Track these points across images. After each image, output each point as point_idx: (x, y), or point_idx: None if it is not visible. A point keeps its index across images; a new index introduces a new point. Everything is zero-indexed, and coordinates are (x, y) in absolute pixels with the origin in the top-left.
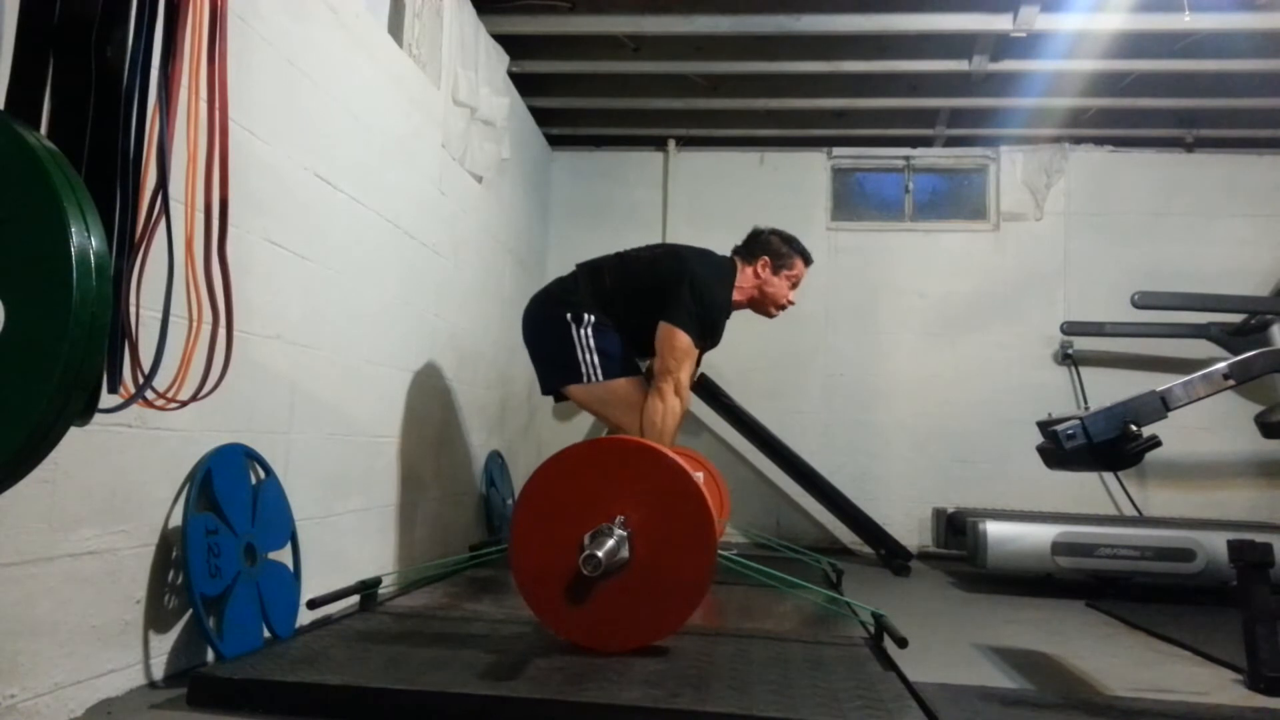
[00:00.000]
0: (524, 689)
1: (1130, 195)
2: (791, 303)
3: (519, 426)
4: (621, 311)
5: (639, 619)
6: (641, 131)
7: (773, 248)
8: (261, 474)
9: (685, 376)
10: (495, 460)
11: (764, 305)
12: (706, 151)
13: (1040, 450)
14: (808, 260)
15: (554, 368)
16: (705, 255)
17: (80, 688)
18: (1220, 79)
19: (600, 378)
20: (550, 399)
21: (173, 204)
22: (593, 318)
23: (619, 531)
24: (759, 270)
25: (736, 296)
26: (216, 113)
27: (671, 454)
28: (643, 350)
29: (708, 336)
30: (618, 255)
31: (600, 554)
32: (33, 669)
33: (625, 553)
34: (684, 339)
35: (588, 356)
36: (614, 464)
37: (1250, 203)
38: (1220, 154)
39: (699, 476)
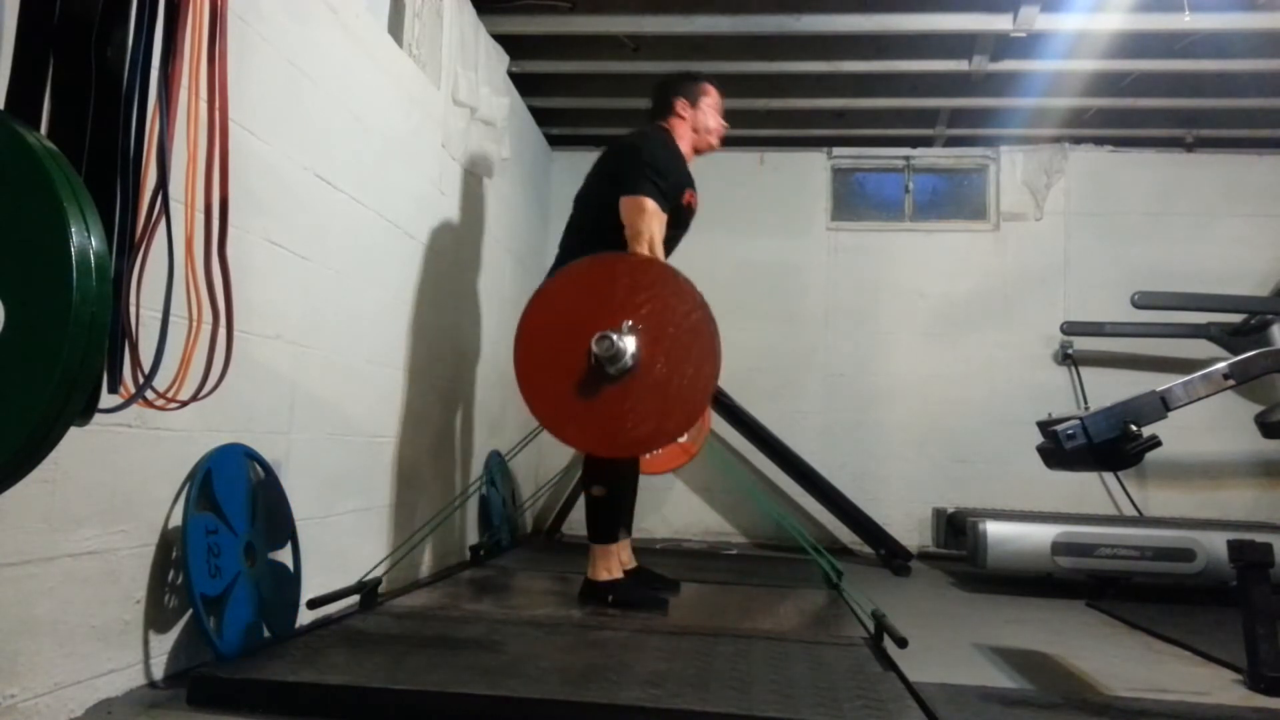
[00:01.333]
0: (524, 689)
1: (1130, 195)
2: (724, 125)
3: (519, 427)
4: (597, 234)
5: (642, 424)
6: None
7: (680, 88)
8: (261, 474)
9: (658, 236)
10: (495, 460)
11: (703, 142)
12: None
13: (1040, 450)
14: (713, 81)
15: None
16: (637, 131)
17: (80, 688)
18: (1220, 79)
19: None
20: None
21: (173, 204)
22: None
23: (627, 335)
24: (682, 114)
25: (683, 148)
26: (216, 113)
27: (673, 268)
28: None
29: (672, 195)
30: (574, 203)
31: (613, 337)
32: (33, 669)
33: (631, 358)
34: (646, 201)
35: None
36: (622, 275)
37: (1250, 203)
38: (1220, 154)
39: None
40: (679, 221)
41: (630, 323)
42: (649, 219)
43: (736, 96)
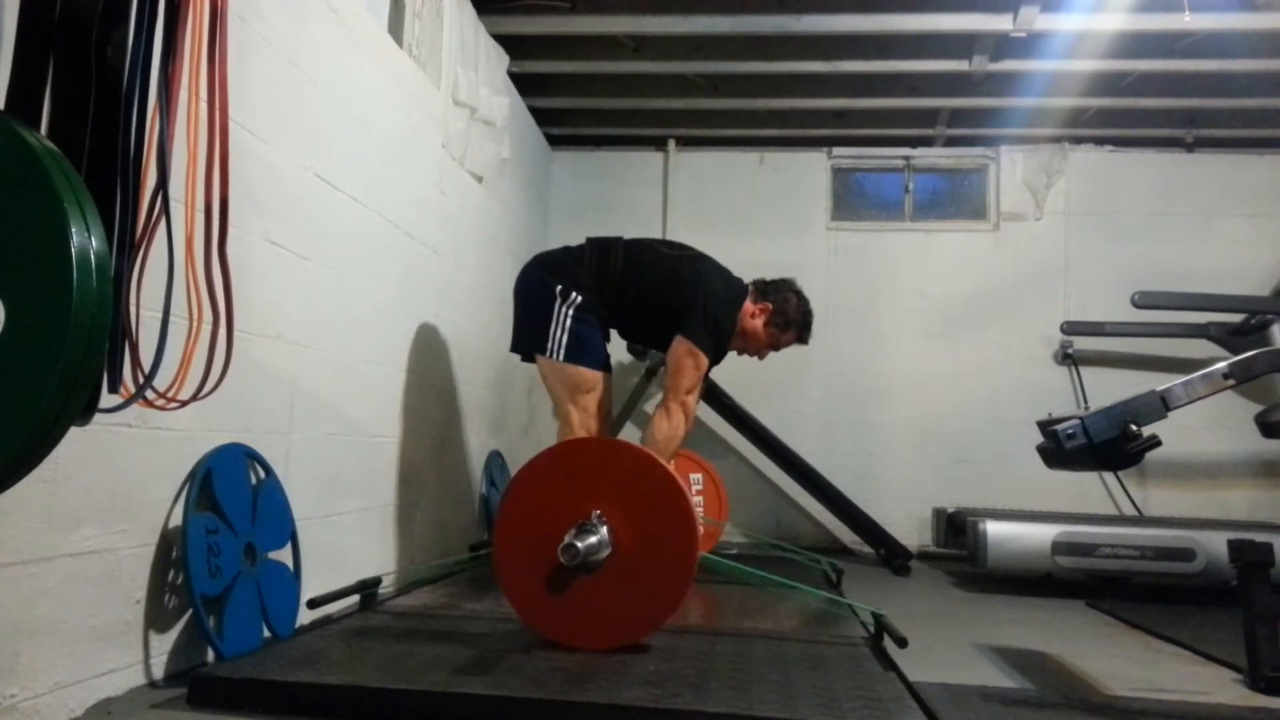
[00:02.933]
0: (524, 689)
1: (1130, 195)
2: (759, 358)
3: (519, 426)
4: (619, 297)
5: (618, 617)
6: (641, 131)
7: (784, 305)
8: (261, 474)
9: (694, 398)
10: (495, 460)
11: (741, 341)
12: (706, 151)
13: (1040, 450)
14: (802, 339)
15: (528, 331)
16: (725, 274)
17: (80, 688)
18: (1220, 79)
19: (560, 357)
20: (544, 397)
21: (173, 204)
22: (579, 299)
23: (601, 528)
24: (758, 311)
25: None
26: (216, 113)
27: (660, 460)
28: (632, 337)
29: (718, 357)
30: (630, 242)
31: (579, 544)
32: (33, 669)
33: (605, 551)
34: (703, 361)
35: (558, 333)
36: (604, 464)
37: (1250, 203)
38: (1220, 154)
39: (697, 478)
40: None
41: (599, 513)
42: (697, 378)
43: (736, 96)
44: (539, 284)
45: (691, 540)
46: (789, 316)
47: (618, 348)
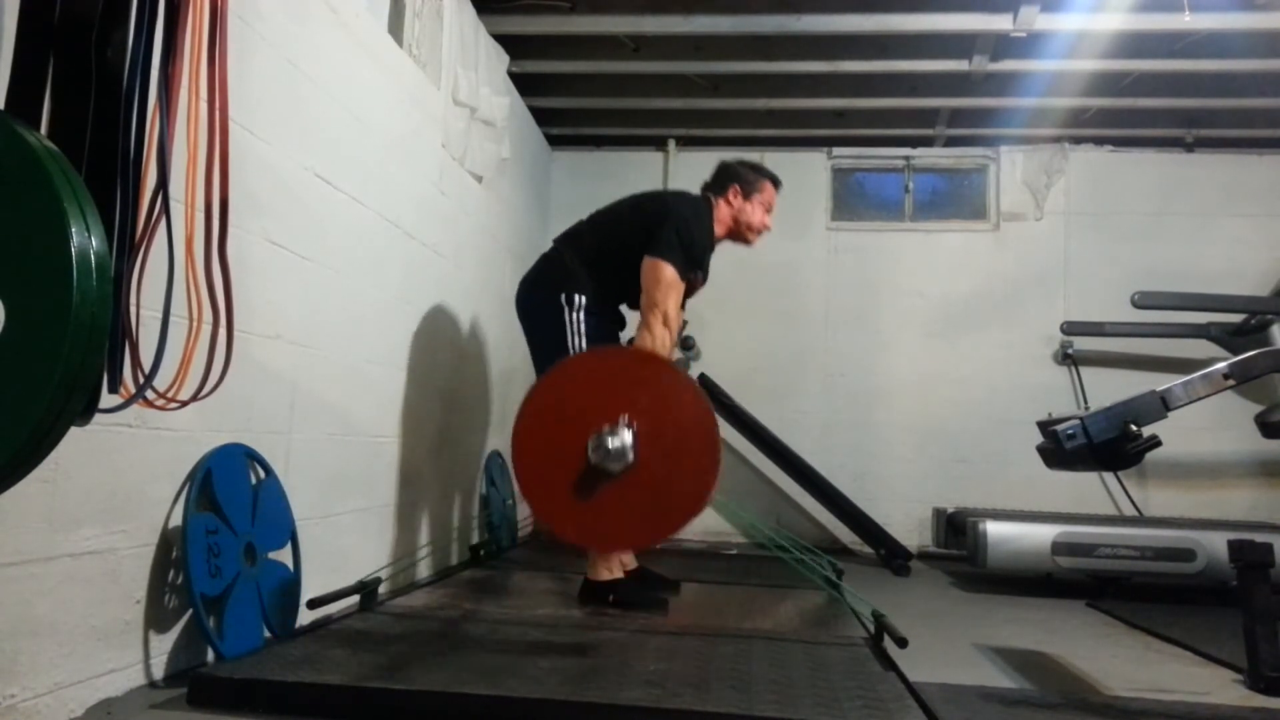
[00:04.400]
0: (524, 689)
1: (1130, 195)
2: (767, 226)
3: None
4: (608, 268)
5: (639, 521)
6: (641, 131)
7: (741, 175)
8: (261, 474)
9: (673, 308)
10: (495, 460)
11: (741, 233)
12: (706, 151)
13: (1040, 450)
14: (776, 182)
15: (548, 352)
16: (681, 194)
17: (80, 688)
18: (1220, 79)
19: None
20: None
21: (173, 204)
22: (583, 299)
23: (625, 431)
24: (731, 199)
25: (717, 230)
26: (216, 113)
27: (673, 362)
28: (635, 303)
29: (693, 268)
30: (591, 216)
31: (608, 443)
32: (33, 669)
33: (631, 455)
34: (668, 270)
35: (578, 340)
36: (622, 371)
37: (1250, 203)
38: (1220, 154)
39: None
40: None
41: (627, 418)
42: (666, 290)
43: (736, 96)
44: (541, 302)
45: (712, 458)
46: (748, 178)
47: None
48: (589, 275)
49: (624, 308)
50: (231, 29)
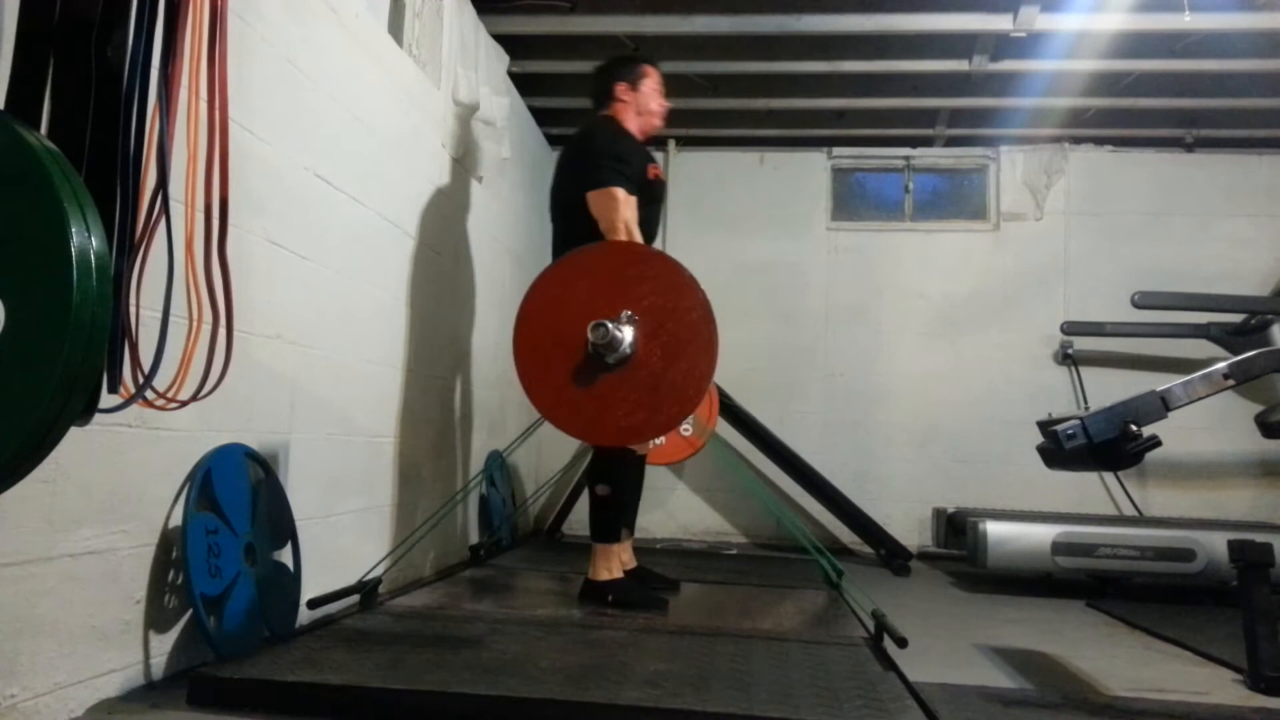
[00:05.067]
0: (524, 689)
1: (1130, 195)
2: (665, 106)
3: (519, 426)
4: (577, 229)
5: (634, 413)
6: None
7: (619, 73)
8: (261, 474)
9: (633, 222)
10: (495, 460)
11: (649, 122)
12: (706, 151)
13: (1040, 450)
14: (651, 61)
15: None
16: (585, 128)
17: (80, 688)
18: (1220, 79)
19: None
20: None
21: (173, 204)
22: None
23: (625, 325)
24: (623, 99)
25: (634, 132)
26: (216, 113)
27: (676, 261)
28: None
29: (636, 175)
30: (550, 210)
31: (609, 325)
32: (33, 669)
33: (629, 347)
34: (614, 190)
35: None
36: (626, 266)
37: (1250, 203)
38: (1220, 154)
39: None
40: (651, 196)
41: (629, 313)
42: (620, 207)
43: (736, 96)
44: None
45: (709, 357)
46: (627, 70)
47: None
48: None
49: None
50: (231, 29)
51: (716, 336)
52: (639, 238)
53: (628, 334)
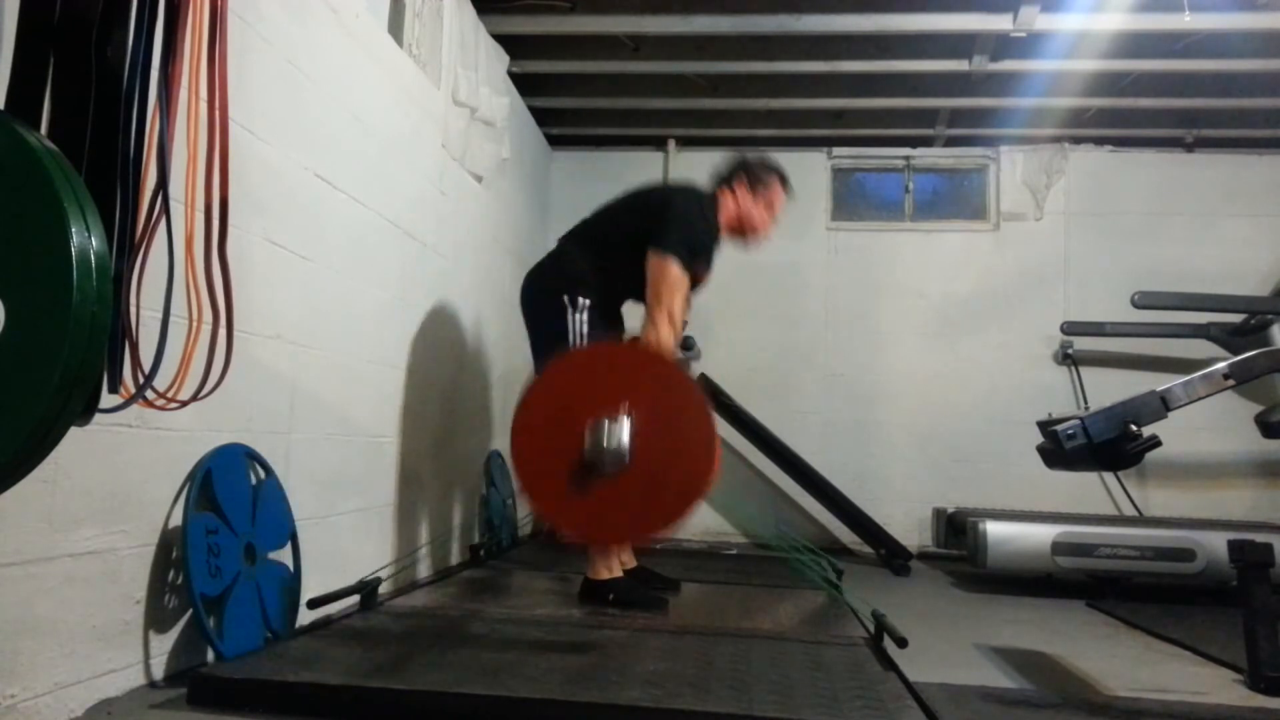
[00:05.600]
0: (524, 689)
1: (1130, 195)
2: (767, 229)
3: None
4: (613, 263)
5: (633, 516)
6: (641, 131)
7: (751, 170)
8: (261, 474)
9: (678, 306)
10: (495, 460)
11: (744, 231)
12: (706, 151)
13: (1040, 450)
14: (785, 182)
15: (548, 347)
16: (687, 187)
17: (80, 688)
18: (1220, 79)
19: None
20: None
21: (173, 204)
22: (586, 301)
23: (623, 424)
24: (737, 194)
25: (721, 224)
26: (216, 113)
27: (676, 362)
28: (641, 296)
29: (697, 262)
30: (595, 211)
31: (603, 435)
32: (33, 669)
33: (626, 449)
34: (674, 267)
35: (579, 343)
36: (623, 367)
37: (1250, 203)
38: (1220, 154)
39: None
40: (692, 284)
41: (626, 416)
42: (672, 287)
43: (736, 96)
44: (545, 301)
45: (711, 445)
46: (759, 174)
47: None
48: (595, 274)
49: (629, 302)
50: (231, 29)
51: (717, 439)
52: (678, 324)
53: (624, 439)
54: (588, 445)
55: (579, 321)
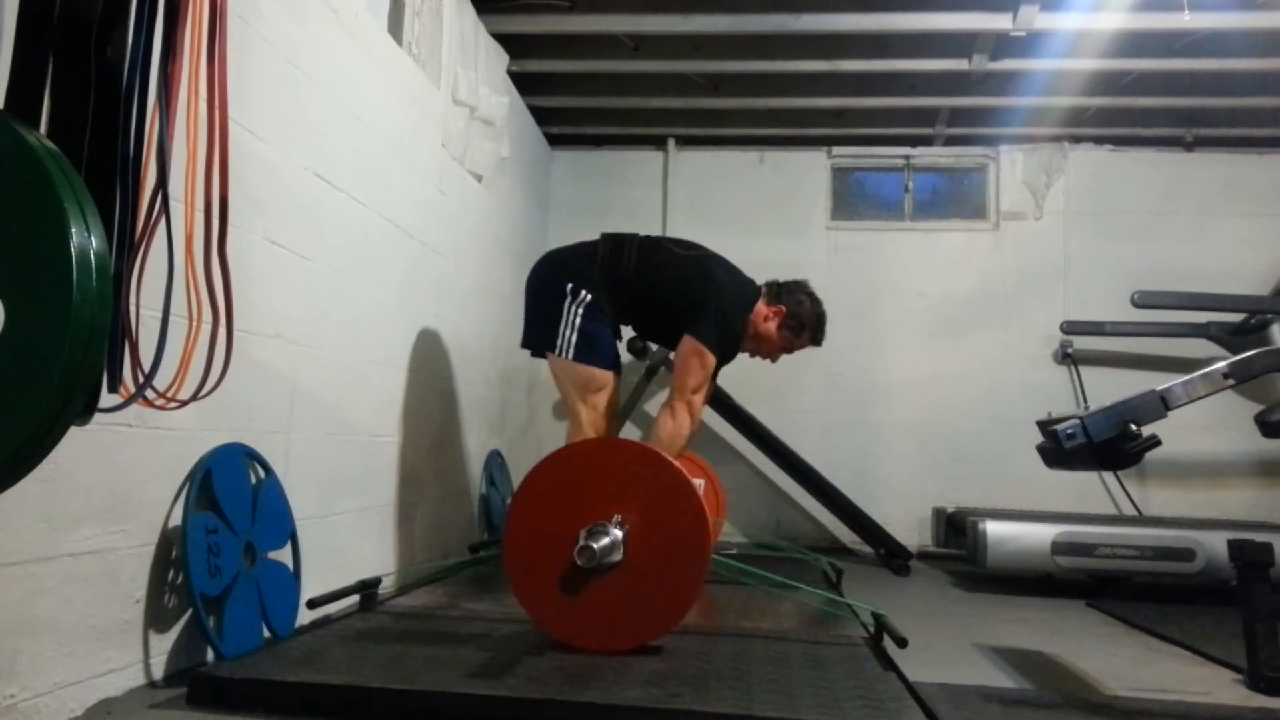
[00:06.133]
0: (524, 689)
1: (1130, 195)
2: (771, 360)
3: (519, 426)
4: (631, 294)
5: (626, 621)
6: (641, 131)
7: (797, 308)
8: (261, 474)
9: (701, 399)
10: (495, 460)
11: (753, 344)
12: (706, 151)
13: (1040, 450)
14: (816, 341)
15: (539, 328)
16: (735, 274)
17: (80, 687)
18: (1220, 79)
19: (570, 356)
20: (545, 396)
21: (173, 203)
22: (589, 297)
23: (615, 530)
24: (771, 314)
25: (749, 331)
26: (216, 112)
27: (676, 465)
28: (644, 334)
29: (727, 357)
30: (647, 238)
31: (595, 546)
32: (33, 669)
33: (619, 554)
34: (710, 360)
35: (567, 332)
36: (618, 465)
37: (1250, 203)
38: (1220, 154)
39: (699, 484)
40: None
41: (619, 517)
42: (703, 378)
43: (736, 96)
44: (550, 281)
45: (703, 559)
46: (803, 319)
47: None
48: (607, 287)
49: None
50: (231, 29)
51: (709, 541)
52: (699, 410)
53: (616, 542)
54: (577, 553)
55: (574, 313)
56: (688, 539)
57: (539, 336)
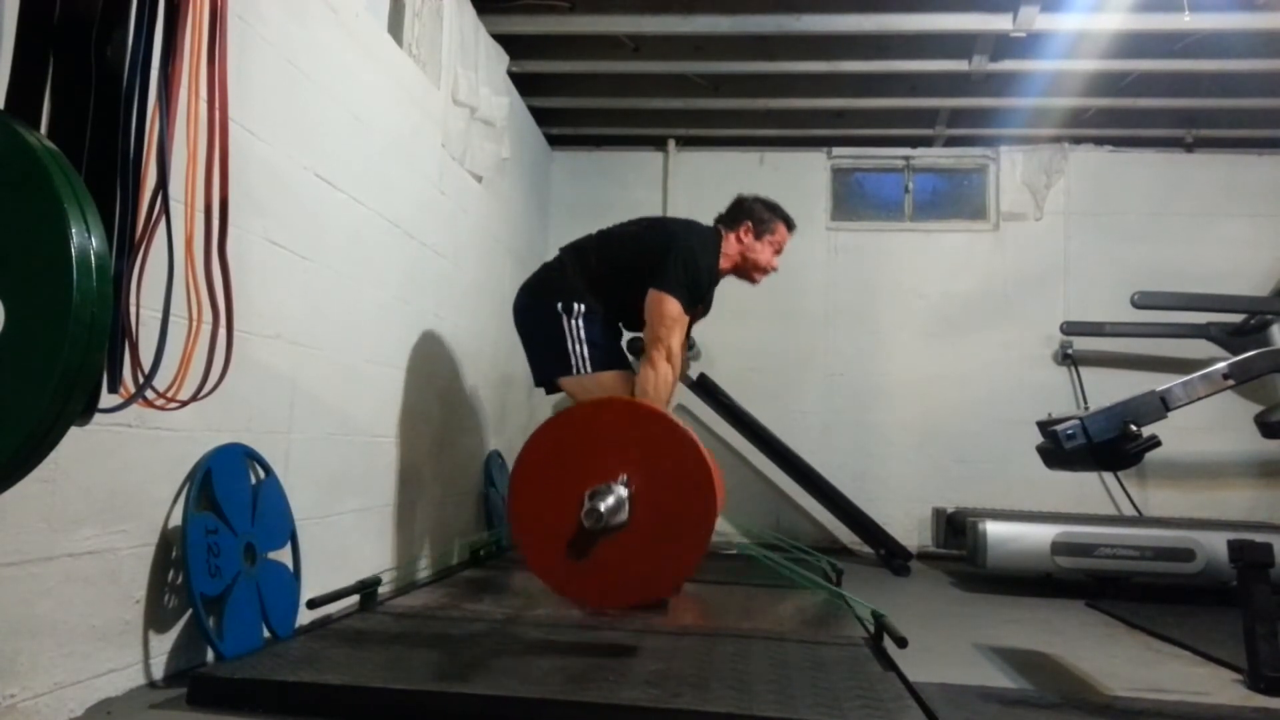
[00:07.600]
0: (524, 689)
1: (1130, 195)
2: (774, 268)
3: (519, 426)
4: (610, 289)
5: (634, 578)
6: (641, 131)
7: (755, 213)
8: (261, 474)
9: (676, 343)
10: (495, 460)
11: (748, 271)
12: (706, 151)
13: (1040, 450)
14: (790, 225)
15: (547, 359)
16: (690, 225)
17: (80, 687)
18: (1220, 79)
19: (589, 369)
20: (545, 397)
21: (173, 204)
22: (582, 307)
23: (620, 490)
24: (741, 236)
25: (722, 264)
26: (216, 113)
27: (667, 411)
28: (633, 324)
29: (696, 302)
30: (600, 233)
31: (601, 508)
32: (33, 669)
33: (625, 513)
34: (673, 305)
35: (578, 348)
36: (621, 425)
37: (1250, 203)
38: (1220, 154)
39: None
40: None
41: (625, 476)
42: (671, 324)
43: (736, 96)
44: (538, 309)
45: (710, 514)
46: (762, 216)
47: None
48: (589, 290)
49: (621, 326)
50: (231, 29)
51: (714, 488)
52: (677, 362)
53: (622, 501)
54: (584, 516)
55: (576, 326)
56: (694, 496)
57: (550, 366)
